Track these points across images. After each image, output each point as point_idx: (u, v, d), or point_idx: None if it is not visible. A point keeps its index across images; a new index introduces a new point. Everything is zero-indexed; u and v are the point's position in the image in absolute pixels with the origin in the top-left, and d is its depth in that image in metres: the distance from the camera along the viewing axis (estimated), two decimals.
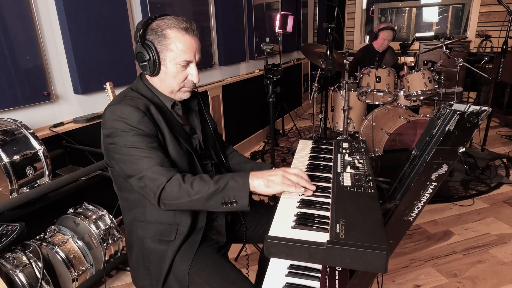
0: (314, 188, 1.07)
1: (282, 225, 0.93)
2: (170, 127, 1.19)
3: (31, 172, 1.68)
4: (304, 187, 1.07)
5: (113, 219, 2.01)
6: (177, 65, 1.17)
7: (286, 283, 0.85)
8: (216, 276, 1.14)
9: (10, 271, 1.54)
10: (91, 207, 2.03)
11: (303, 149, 1.47)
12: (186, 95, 1.26)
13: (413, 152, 1.13)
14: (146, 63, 1.16)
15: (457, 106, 1.00)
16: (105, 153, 1.20)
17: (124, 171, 1.12)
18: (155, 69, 1.17)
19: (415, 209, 1.02)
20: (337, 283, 0.81)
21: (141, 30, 1.14)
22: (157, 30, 1.14)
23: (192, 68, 1.20)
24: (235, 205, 1.06)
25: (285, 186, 1.05)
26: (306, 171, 1.29)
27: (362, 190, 1.05)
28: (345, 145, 1.44)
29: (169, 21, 1.15)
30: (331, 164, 1.29)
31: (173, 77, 1.19)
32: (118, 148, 1.11)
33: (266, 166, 1.46)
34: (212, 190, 1.05)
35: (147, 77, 1.24)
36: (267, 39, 4.14)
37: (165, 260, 1.18)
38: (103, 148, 1.19)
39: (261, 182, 1.06)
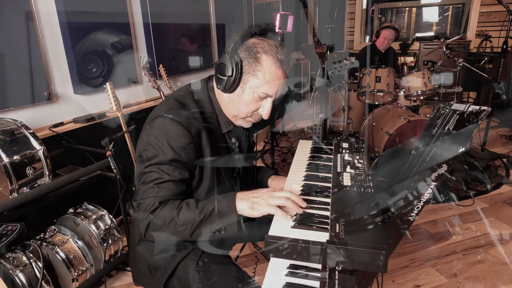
0: (304, 205, 1.01)
1: (282, 224, 0.93)
2: (216, 155, 1.12)
3: (31, 172, 1.68)
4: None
5: (113, 219, 2.01)
6: (255, 94, 1.06)
7: (286, 282, 0.85)
8: (223, 276, 1.14)
9: (10, 271, 1.53)
10: (91, 207, 2.03)
11: (303, 149, 1.47)
12: (247, 125, 1.16)
13: (413, 152, 1.13)
14: (224, 78, 1.04)
15: (456, 106, 1.00)
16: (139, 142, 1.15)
17: (136, 175, 1.09)
18: (230, 88, 1.06)
19: (415, 209, 1.02)
20: (337, 283, 0.81)
21: (236, 42, 1.03)
22: (252, 50, 1.03)
23: (268, 103, 1.08)
24: (223, 232, 1.00)
25: (271, 209, 0.97)
26: (306, 170, 1.29)
27: (362, 190, 1.05)
28: (345, 145, 1.44)
29: (268, 46, 1.04)
30: (331, 164, 1.29)
31: (245, 104, 1.08)
32: (145, 158, 1.07)
33: (269, 172, 1.44)
34: (198, 220, 1.00)
35: (216, 88, 1.12)
36: None
37: (171, 264, 1.18)
38: (140, 138, 1.14)
39: (246, 205, 0.99)
